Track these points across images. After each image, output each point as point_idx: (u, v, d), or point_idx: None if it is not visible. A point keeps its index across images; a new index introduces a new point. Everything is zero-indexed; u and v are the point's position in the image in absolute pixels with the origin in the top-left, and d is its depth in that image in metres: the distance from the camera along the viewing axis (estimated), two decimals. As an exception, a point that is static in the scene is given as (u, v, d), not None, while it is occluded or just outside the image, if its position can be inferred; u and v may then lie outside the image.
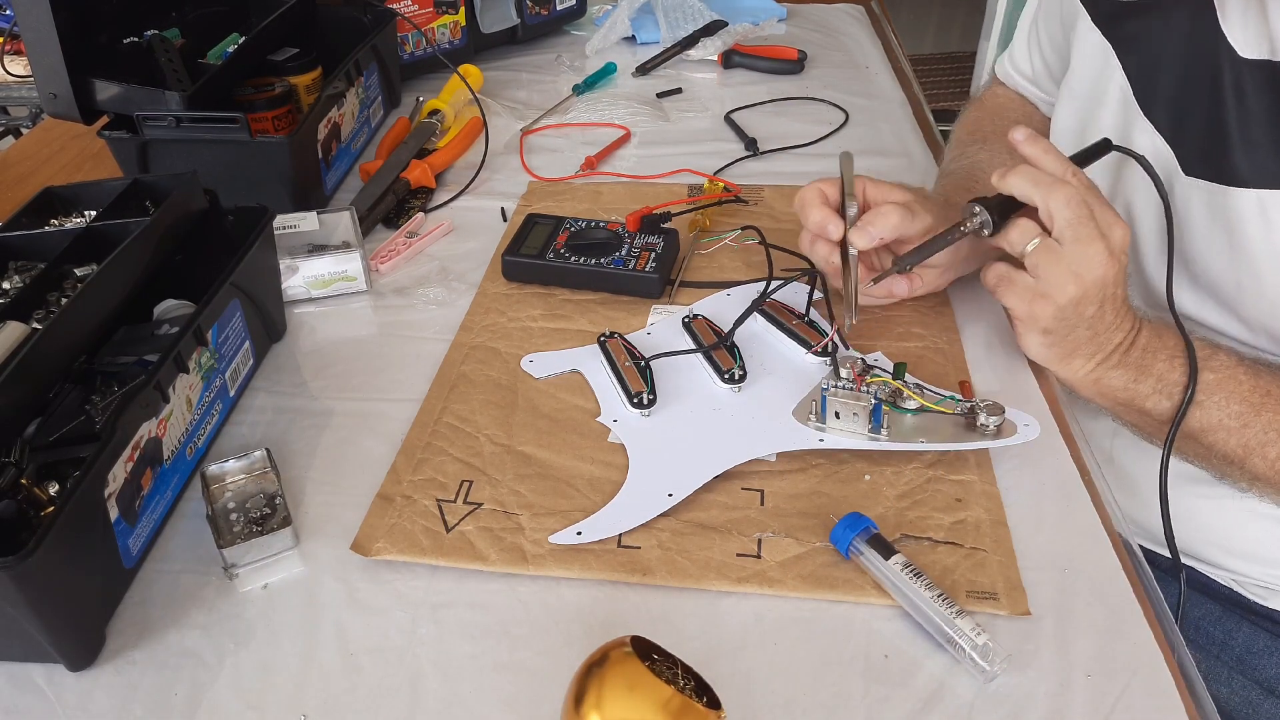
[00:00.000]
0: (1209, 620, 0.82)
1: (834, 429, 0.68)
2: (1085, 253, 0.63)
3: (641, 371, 0.74)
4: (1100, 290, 0.64)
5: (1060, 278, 0.64)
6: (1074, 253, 0.63)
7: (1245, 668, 0.80)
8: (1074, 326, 0.66)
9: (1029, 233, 0.65)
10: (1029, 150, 0.66)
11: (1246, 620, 0.80)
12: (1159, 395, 0.67)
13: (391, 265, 0.92)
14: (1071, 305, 0.64)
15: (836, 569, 0.60)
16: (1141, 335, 0.68)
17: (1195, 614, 0.82)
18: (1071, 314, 0.65)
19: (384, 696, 0.55)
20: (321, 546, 0.64)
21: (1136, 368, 0.68)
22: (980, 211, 0.67)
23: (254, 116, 0.99)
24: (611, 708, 0.47)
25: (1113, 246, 0.63)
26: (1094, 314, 0.65)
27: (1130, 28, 0.74)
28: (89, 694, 0.55)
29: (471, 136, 1.14)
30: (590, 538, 0.62)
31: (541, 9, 1.39)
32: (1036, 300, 0.66)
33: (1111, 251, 0.63)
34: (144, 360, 0.69)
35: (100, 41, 0.97)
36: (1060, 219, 0.63)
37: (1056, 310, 0.65)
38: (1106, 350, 0.68)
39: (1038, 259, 0.65)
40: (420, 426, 0.72)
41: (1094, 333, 0.66)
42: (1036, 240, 0.65)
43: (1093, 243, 0.63)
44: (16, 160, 1.18)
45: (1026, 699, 0.54)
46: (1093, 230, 0.63)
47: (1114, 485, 0.81)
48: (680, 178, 1.06)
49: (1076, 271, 0.63)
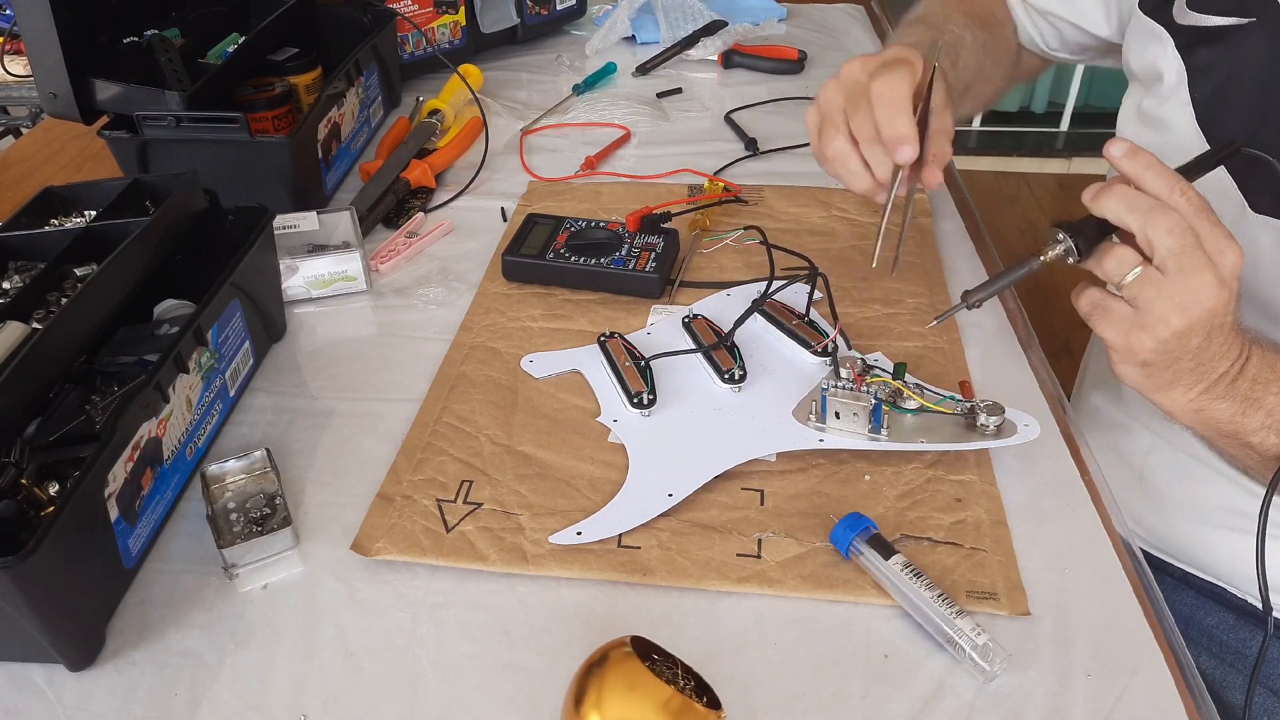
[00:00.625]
0: (1223, 629, 0.81)
1: (834, 429, 0.68)
2: (1192, 283, 0.56)
3: (641, 371, 0.74)
4: (1209, 321, 0.57)
5: (1163, 310, 0.57)
6: (1179, 284, 0.56)
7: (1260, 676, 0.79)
8: (1177, 359, 0.59)
9: (1127, 263, 0.58)
10: (1129, 167, 0.58)
11: (1261, 629, 0.79)
12: (1268, 430, 0.61)
13: (391, 265, 0.92)
14: (1175, 338, 0.57)
15: (836, 569, 0.60)
16: (1251, 364, 0.61)
17: (1208, 622, 0.82)
18: (1175, 347, 0.58)
19: (384, 696, 0.55)
20: (321, 546, 0.64)
21: (1245, 399, 0.61)
22: (1064, 239, 0.60)
23: (254, 116, 0.99)
24: (611, 708, 0.47)
25: (1223, 274, 0.56)
26: (1199, 345, 0.58)
27: (1204, 55, 0.70)
28: (89, 694, 0.55)
29: (471, 136, 1.14)
30: (590, 538, 0.62)
31: (541, 9, 1.39)
32: (1135, 332, 0.58)
33: (1222, 280, 0.56)
34: (144, 360, 0.69)
35: (100, 41, 0.97)
36: (1162, 248, 0.56)
37: (1158, 344, 0.58)
38: (1210, 379, 0.61)
39: (1138, 290, 0.57)
40: (420, 426, 0.72)
41: (1198, 363, 0.60)
42: (1137, 270, 0.57)
43: (1201, 272, 0.55)
44: (16, 160, 1.18)
45: (1026, 699, 0.54)
46: (1200, 259, 0.55)
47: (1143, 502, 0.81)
48: (680, 178, 1.06)
49: (1182, 304, 0.56)
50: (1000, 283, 0.64)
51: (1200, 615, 0.82)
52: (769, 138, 1.13)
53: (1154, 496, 0.80)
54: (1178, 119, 0.72)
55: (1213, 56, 0.70)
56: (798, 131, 1.15)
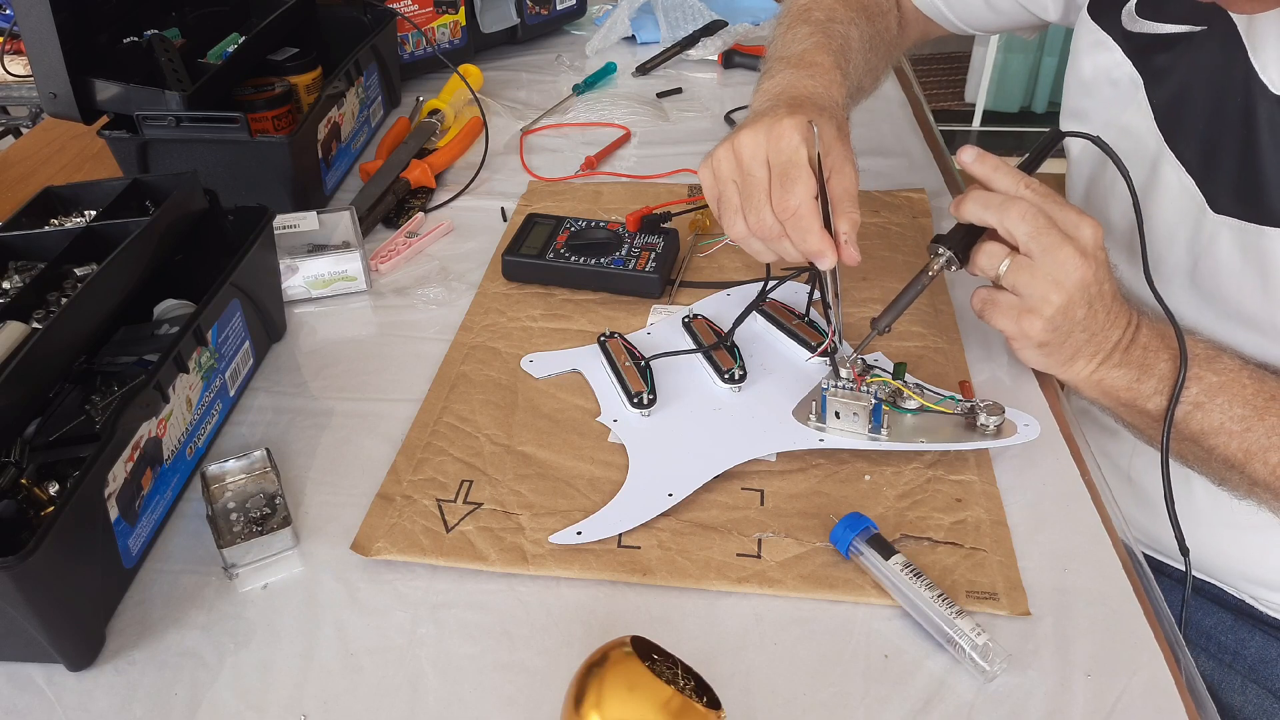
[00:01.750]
0: (1221, 629, 0.81)
1: (834, 429, 0.68)
2: (1057, 258, 0.62)
3: (641, 371, 0.74)
4: (1084, 291, 0.63)
5: (1041, 289, 0.63)
6: (1046, 262, 0.62)
7: (1259, 677, 0.79)
8: (1068, 334, 0.65)
9: (996, 255, 0.64)
10: (979, 171, 0.65)
11: (1259, 630, 0.80)
12: (1160, 395, 0.66)
13: (391, 265, 0.92)
14: (1059, 314, 0.63)
15: (836, 569, 0.60)
16: (1141, 332, 0.67)
17: (1207, 623, 0.82)
18: (1062, 321, 0.64)
19: (384, 696, 0.55)
20: (321, 546, 0.64)
21: (1139, 366, 0.67)
22: (944, 252, 0.66)
23: (254, 116, 0.99)
24: (611, 708, 0.47)
25: (1084, 246, 0.62)
26: (1085, 315, 0.64)
27: (1160, 61, 0.72)
28: (89, 694, 0.55)
29: (471, 136, 1.14)
30: (590, 537, 0.62)
31: (541, 9, 1.39)
32: (1024, 317, 0.64)
33: (1085, 251, 0.62)
34: (144, 360, 0.69)
35: (100, 41, 0.97)
36: (1021, 234, 0.62)
37: (1045, 322, 0.64)
38: (1106, 349, 0.67)
39: (1014, 278, 0.63)
40: (420, 426, 0.72)
41: (1090, 334, 0.65)
42: (1006, 261, 0.63)
43: (1061, 247, 0.62)
44: (16, 160, 1.18)
45: (1026, 699, 0.54)
46: (1057, 236, 0.62)
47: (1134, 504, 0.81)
48: (680, 178, 1.06)
49: (1055, 279, 0.62)
50: (900, 303, 0.69)
51: (1198, 616, 0.82)
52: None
53: (1144, 498, 0.80)
54: (1138, 123, 0.73)
55: (1167, 62, 0.71)
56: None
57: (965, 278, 0.85)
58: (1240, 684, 0.80)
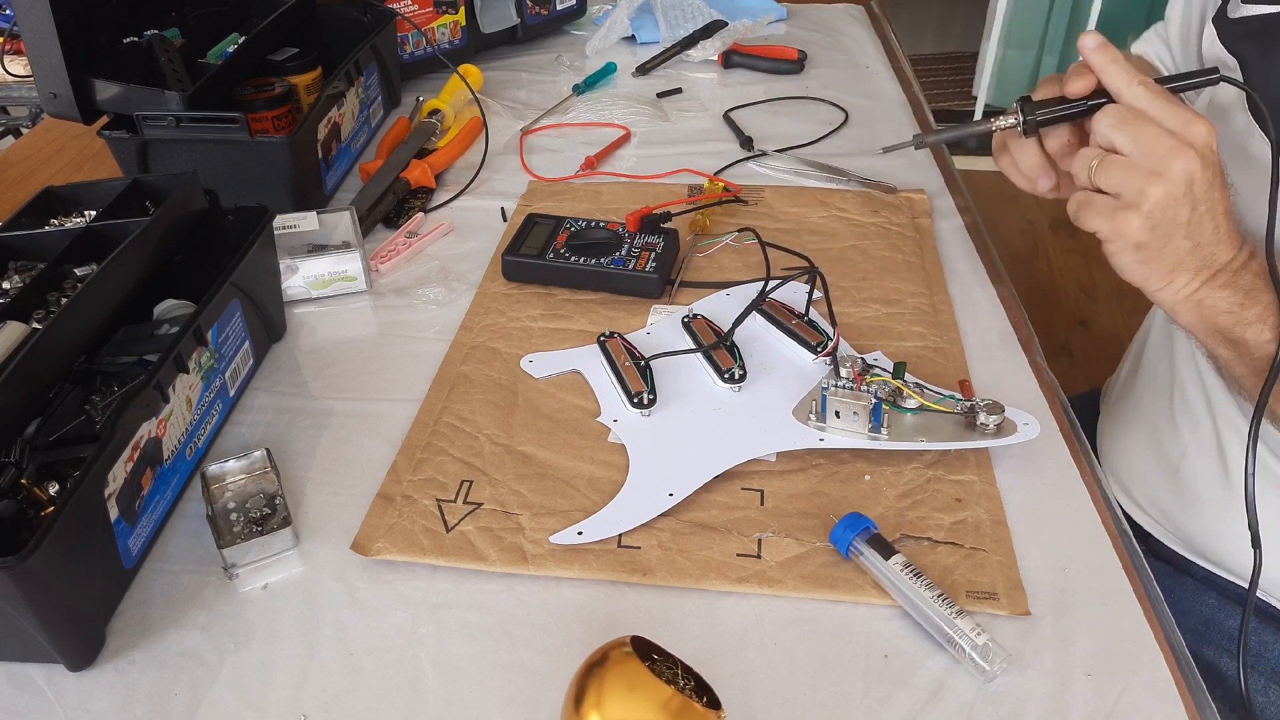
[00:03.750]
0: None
1: (834, 429, 0.68)
2: (1155, 151, 0.57)
3: (641, 371, 0.74)
4: (1188, 188, 0.57)
5: (1138, 181, 0.57)
6: (1141, 155, 0.57)
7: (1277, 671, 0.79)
8: (1169, 236, 0.59)
9: (1088, 156, 0.59)
10: (1096, 59, 0.60)
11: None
12: (1263, 325, 0.61)
13: (391, 265, 0.92)
14: (1160, 210, 0.57)
15: (836, 569, 0.60)
16: (1255, 261, 0.62)
17: (1230, 625, 0.81)
18: (1161, 219, 0.58)
19: (384, 696, 0.55)
20: (321, 546, 0.64)
21: (1246, 291, 0.61)
22: (1016, 109, 0.62)
23: (254, 116, 0.99)
24: (611, 708, 0.47)
25: (1192, 139, 0.57)
26: (1188, 219, 0.58)
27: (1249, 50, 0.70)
28: (89, 694, 0.55)
29: (471, 136, 1.14)
30: (590, 538, 0.62)
31: (541, 9, 1.39)
32: (1120, 212, 0.58)
33: (1190, 143, 0.57)
34: (144, 360, 0.69)
35: (100, 41, 0.97)
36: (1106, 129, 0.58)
37: (1144, 218, 0.58)
38: (1213, 267, 0.61)
39: (1107, 174, 0.58)
40: (420, 426, 0.72)
41: (1195, 244, 0.59)
42: (1096, 160, 0.59)
43: (1159, 140, 0.57)
44: (16, 160, 1.18)
45: (1026, 699, 0.54)
46: (1152, 130, 0.57)
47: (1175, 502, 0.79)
48: (680, 178, 1.06)
49: (1154, 170, 0.57)
50: (950, 134, 0.67)
51: (1221, 618, 0.81)
52: (769, 138, 1.13)
53: (1188, 496, 0.79)
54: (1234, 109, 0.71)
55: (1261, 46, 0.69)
56: (798, 131, 1.15)
57: (965, 278, 0.85)
58: (1264, 684, 0.79)
